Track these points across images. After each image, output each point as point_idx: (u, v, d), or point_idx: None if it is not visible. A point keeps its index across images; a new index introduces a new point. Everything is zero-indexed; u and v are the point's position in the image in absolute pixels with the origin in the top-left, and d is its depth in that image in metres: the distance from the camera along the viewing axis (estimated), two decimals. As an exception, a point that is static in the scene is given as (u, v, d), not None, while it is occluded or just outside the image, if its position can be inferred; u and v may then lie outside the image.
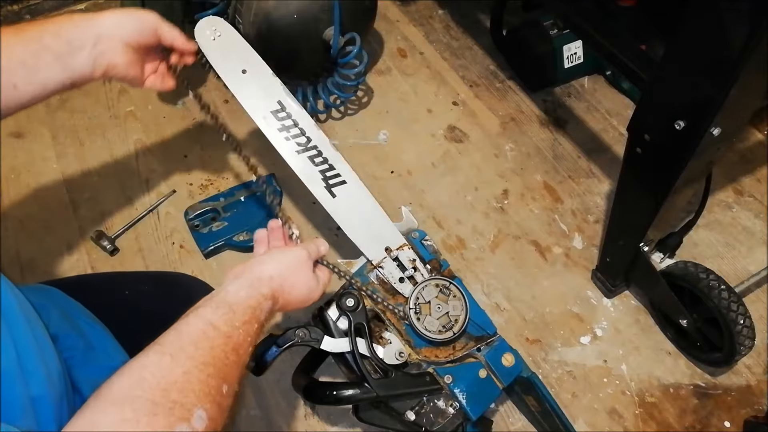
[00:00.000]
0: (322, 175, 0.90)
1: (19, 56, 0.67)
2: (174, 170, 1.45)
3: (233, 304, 0.61)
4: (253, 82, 0.92)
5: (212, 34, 0.93)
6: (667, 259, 1.11)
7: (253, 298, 0.63)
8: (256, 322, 0.62)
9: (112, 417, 0.46)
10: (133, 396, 0.47)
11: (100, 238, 1.31)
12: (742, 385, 1.14)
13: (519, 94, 1.60)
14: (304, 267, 0.73)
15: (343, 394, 0.82)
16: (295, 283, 0.70)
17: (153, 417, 0.46)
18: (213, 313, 0.58)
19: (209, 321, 0.57)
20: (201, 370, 0.52)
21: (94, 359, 0.68)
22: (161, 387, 0.48)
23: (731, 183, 1.41)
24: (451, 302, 0.86)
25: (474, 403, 0.85)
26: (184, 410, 0.48)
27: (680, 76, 0.77)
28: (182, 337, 0.55)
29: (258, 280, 0.66)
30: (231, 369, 0.56)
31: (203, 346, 0.54)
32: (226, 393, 0.54)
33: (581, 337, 1.20)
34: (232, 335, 0.57)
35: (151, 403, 0.47)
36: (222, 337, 0.56)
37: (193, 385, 0.50)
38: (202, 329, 0.56)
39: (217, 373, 0.53)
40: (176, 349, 0.53)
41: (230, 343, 0.57)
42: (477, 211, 1.39)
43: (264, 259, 0.70)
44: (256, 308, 0.63)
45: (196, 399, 0.50)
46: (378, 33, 1.72)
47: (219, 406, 0.52)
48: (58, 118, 1.56)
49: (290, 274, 0.70)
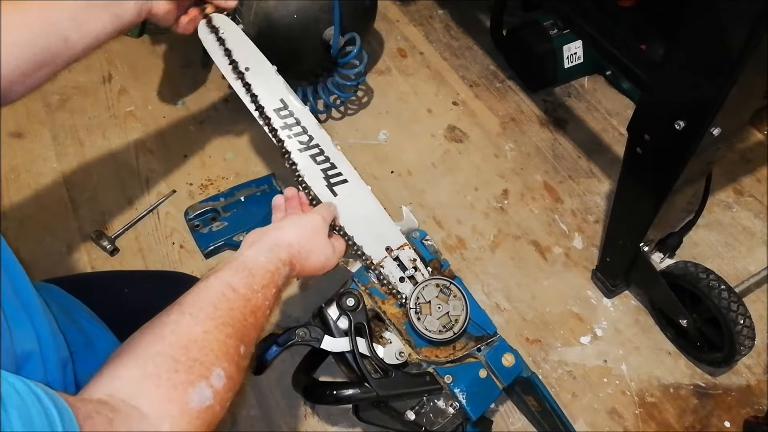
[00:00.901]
0: (323, 174, 0.89)
1: (70, 10, 0.69)
2: (174, 170, 1.45)
3: (252, 267, 0.62)
4: (255, 80, 0.92)
5: (215, 32, 0.93)
6: (667, 259, 1.11)
7: (272, 263, 0.64)
8: (274, 286, 0.63)
9: (134, 371, 0.47)
10: (154, 352, 0.49)
11: (100, 238, 1.30)
12: (742, 385, 1.14)
13: (519, 94, 1.60)
14: (320, 233, 0.74)
15: (343, 393, 0.82)
16: (312, 250, 0.71)
17: (174, 373, 0.48)
18: (233, 275, 0.60)
19: (228, 283, 0.58)
20: (220, 330, 0.53)
21: (94, 355, 0.68)
22: (182, 345, 0.50)
23: (731, 183, 1.41)
24: (452, 302, 0.86)
25: (474, 403, 0.85)
26: (203, 368, 0.50)
27: (680, 76, 0.77)
28: (202, 297, 0.56)
29: (276, 246, 0.67)
30: (249, 330, 0.57)
31: (222, 307, 0.56)
32: (244, 353, 0.55)
33: (581, 337, 1.20)
34: (251, 298, 0.59)
35: (173, 360, 0.48)
36: (241, 300, 0.58)
37: (212, 344, 0.52)
38: (222, 291, 0.57)
39: (236, 334, 0.55)
40: (197, 309, 0.54)
41: (249, 306, 0.58)
42: (477, 211, 1.39)
43: (282, 224, 0.72)
44: (274, 273, 0.64)
45: (215, 358, 0.51)
46: (378, 33, 1.72)
47: (237, 366, 0.53)
48: (58, 118, 1.56)
49: (307, 241, 0.71)
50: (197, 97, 1.60)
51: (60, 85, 1.62)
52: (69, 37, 0.69)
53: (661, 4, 1.35)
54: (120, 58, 1.68)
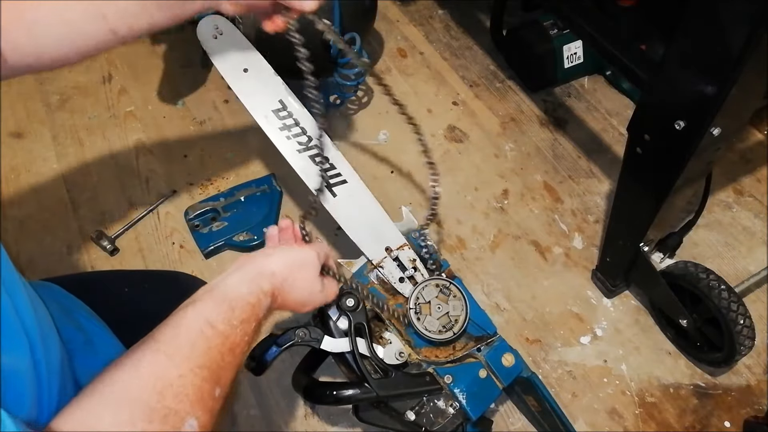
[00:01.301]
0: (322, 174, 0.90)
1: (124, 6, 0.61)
2: (174, 170, 1.45)
3: (233, 300, 0.59)
4: (254, 81, 0.92)
5: (214, 33, 0.93)
6: (667, 259, 1.11)
7: (253, 294, 0.62)
8: (254, 320, 0.61)
9: (107, 417, 0.46)
10: (129, 397, 0.47)
11: (100, 238, 1.31)
12: (742, 385, 1.14)
13: (519, 94, 1.60)
14: (309, 268, 0.70)
15: (343, 394, 0.82)
16: (295, 283, 0.68)
17: (148, 424, 0.46)
18: (212, 310, 0.57)
19: (207, 319, 0.56)
20: (196, 374, 0.51)
21: (93, 353, 0.68)
22: (157, 389, 0.48)
23: (731, 183, 1.41)
24: (451, 302, 0.86)
25: (474, 403, 0.85)
26: (177, 418, 0.48)
27: (680, 76, 0.77)
28: (179, 335, 0.54)
29: (259, 275, 0.64)
30: (225, 371, 0.55)
31: (200, 346, 0.53)
32: (218, 396, 0.54)
33: (581, 337, 1.20)
34: (229, 335, 0.57)
35: (148, 408, 0.47)
36: (219, 337, 0.55)
37: (188, 389, 0.50)
38: (200, 328, 0.55)
39: (212, 377, 0.53)
40: (173, 348, 0.52)
41: (227, 344, 0.56)
42: (477, 211, 1.39)
43: (269, 252, 0.68)
44: (255, 305, 0.61)
45: (190, 406, 0.50)
46: (378, 33, 1.72)
47: (210, 412, 0.52)
48: (58, 118, 1.56)
49: (292, 273, 0.68)
50: (197, 97, 1.60)
51: (60, 85, 1.62)
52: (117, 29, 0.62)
53: (661, 4, 1.35)
54: (120, 58, 1.68)
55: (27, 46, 0.57)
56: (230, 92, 1.58)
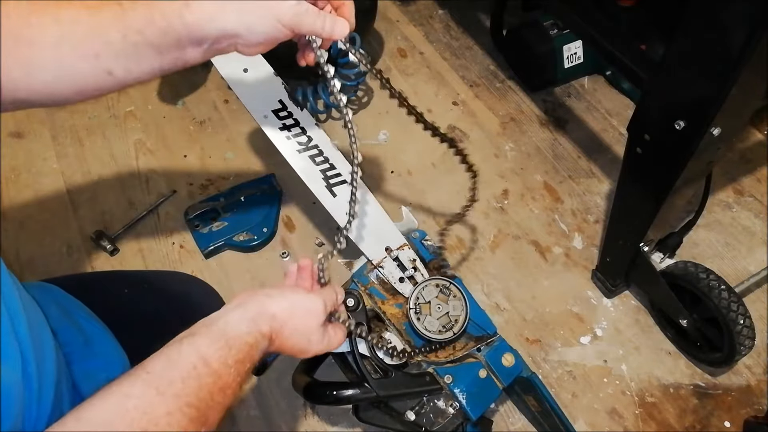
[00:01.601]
0: (322, 174, 0.90)
1: (118, 47, 0.58)
2: (174, 170, 1.45)
3: (231, 338, 0.57)
4: (254, 81, 0.92)
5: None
6: (667, 259, 1.11)
7: (251, 335, 0.59)
8: (249, 361, 0.59)
9: None
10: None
11: (100, 238, 1.31)
12: (742, 385, 1.14)
13: (519, 94, 1.60)
14: (311, 316, 0.67)
15: (343, 394, 0.82)
16: (295, 329, 0.66)
17: None
18: (209, 346, 0.55)
19: (202, 355, 0.54)
20: (184, 413, 0.50)
21: (93, 355, 0.68)
22: (142, 426, 0.47)
23: (731, 183, 1.41)
24: (451, 302, 0.86)
25: (474, 403, 0.85)
26: None
27: (680, 76, 0.77)
28: (172, 368, 0.52)
29: (259, 315, 0.62)
30: (213, 411, 0.54)
31: (191, 384, 0.52)
32: None
33: (581, 337, 1.20)
34: (222, 374, 0.55)
35: None
36: (212, 375, 0.54)
37: (173, 429, 0.49)
38: (194, 363, 0.53)
39: (199, 417, 0.52)
40: (164, 383, 0.51)
41: (219, 383, 0.54)
42: (477, 211, 1.39)
43: (273, 293, 0.66)
44: (252, 346, 0.59)
45: None
46: (378, 33, 1.72)
47: None
48: (58, 118, 1.56)
49: (293, 318, 0.65)
50: (197, 97, 1.60)
51: (60, 85, 1.61)
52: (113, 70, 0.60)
53: (661, 4, 1.35)
54: (120, 58, 1.67)
55: (22, 82, 0.55)
56: (230, 92, 1.58)
